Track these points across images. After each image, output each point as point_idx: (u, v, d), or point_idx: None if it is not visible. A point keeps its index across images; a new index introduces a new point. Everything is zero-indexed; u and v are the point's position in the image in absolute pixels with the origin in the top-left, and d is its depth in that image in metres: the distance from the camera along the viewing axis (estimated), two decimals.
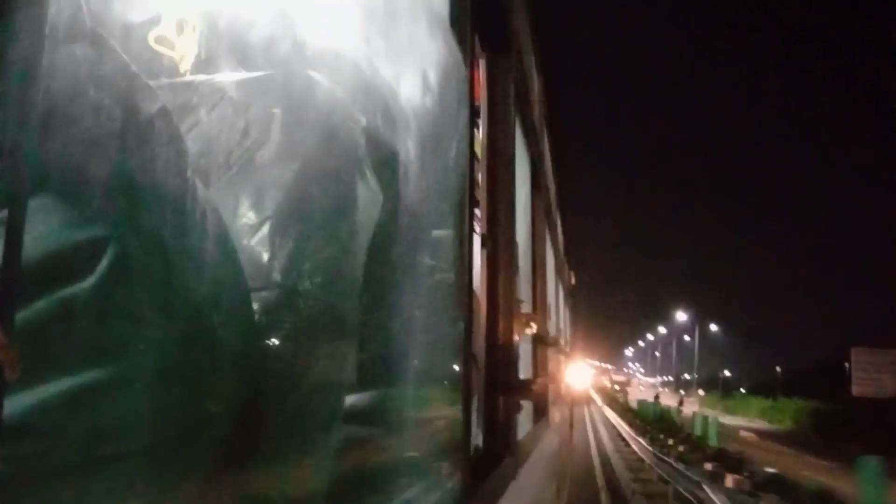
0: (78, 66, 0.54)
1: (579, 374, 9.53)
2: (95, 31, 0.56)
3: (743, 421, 36.60)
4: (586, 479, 11.49)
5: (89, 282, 0.52)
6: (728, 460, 11.95)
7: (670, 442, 15.41)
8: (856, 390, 22.36)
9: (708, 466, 11.05)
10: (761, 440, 22.99)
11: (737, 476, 9.75)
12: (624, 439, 19.36)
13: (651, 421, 22.38)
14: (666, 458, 12.22)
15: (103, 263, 0.53)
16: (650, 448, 14.44)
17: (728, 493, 8.29)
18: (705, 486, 8.77)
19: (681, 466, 10.99)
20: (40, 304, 0.50)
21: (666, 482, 11.19)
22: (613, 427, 23.93)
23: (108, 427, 0.53)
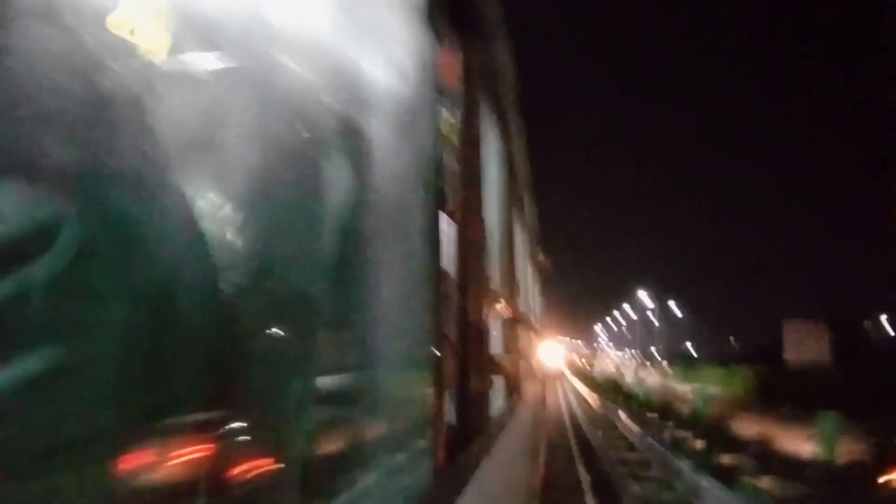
0: (43, 46, 0.52)
1: (550, 350, 12.80)
2: (56, 9, 0.55)
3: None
4: (557, 424, 16.72)
5: (53, 262, 0.51)
6: (651, 406, 20.50)
7: (615, 397, 24.79)
8: (787, 357, 26.50)
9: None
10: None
11: (653, 413, 18.12)
12: (586, 400, 27.51)
13: (605, 386, 31.73)
14: (606, 402, 21.73)
15: (66, 243, 0.52)
16: (599, 400, 23.81)
17: (644, 423, 15.23)
18: (620, 412, 17.24)
19: (612, 406, 19.75)
20: (1, 286, 0.49)
21: (606, 421, 18.44)
22: (580, 394, 31.71)
23: (72, 409, 0.53)
